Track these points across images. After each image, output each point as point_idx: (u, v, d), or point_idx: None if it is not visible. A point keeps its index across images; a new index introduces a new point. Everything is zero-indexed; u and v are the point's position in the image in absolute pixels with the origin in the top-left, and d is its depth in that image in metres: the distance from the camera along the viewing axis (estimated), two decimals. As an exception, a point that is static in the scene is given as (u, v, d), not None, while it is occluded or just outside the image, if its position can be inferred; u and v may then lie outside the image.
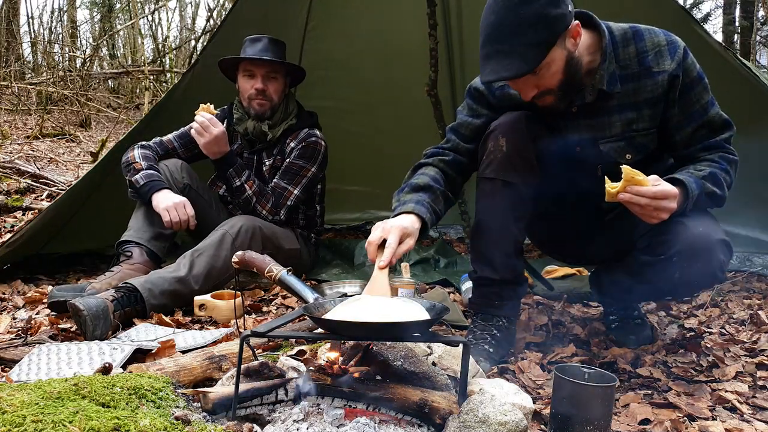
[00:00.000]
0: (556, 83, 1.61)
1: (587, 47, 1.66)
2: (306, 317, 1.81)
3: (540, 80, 1.59)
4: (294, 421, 1.19)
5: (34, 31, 10.75)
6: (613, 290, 2.03)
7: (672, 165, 1.80)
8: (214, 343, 1.79)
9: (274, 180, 2.74)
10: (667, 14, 2.54)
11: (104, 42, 11.31)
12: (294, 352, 1.57)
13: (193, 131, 2.57)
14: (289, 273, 1.82)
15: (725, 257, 1.61)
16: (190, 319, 2.18)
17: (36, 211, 3.86)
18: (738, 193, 1.71)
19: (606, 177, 1.52)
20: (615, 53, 1.68)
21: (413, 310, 1.27)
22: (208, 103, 2.59)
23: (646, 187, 1.48)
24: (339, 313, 1.28)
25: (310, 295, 1.73)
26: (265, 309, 2.33)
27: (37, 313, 2.19)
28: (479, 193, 1.81)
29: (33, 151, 5.95)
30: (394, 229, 1.55)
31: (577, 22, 1.58)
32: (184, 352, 1.69)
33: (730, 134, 1.71)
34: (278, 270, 1.81)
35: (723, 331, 2.15)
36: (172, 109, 2.98)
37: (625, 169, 1.47)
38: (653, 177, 1.52)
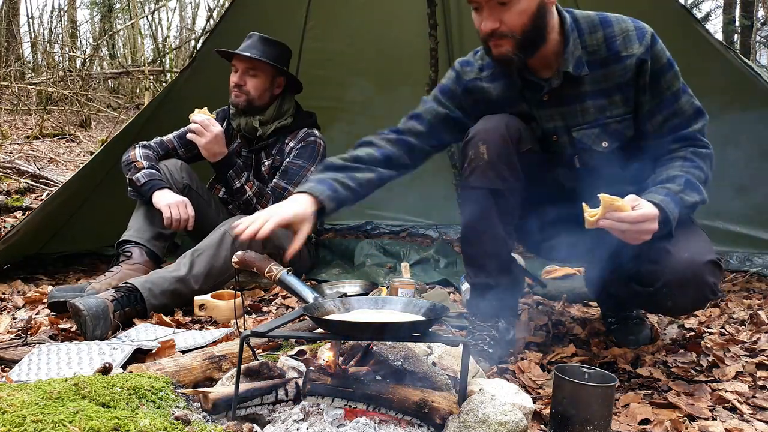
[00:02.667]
0: (520, 28, 1.58)
1: (556, 26, 1.67)
2: (306, 317, 1.80)
3: (506, 14, 1.57)
4: (294, 421, 1.19)
5: (34, 31, 10.75)
6: (607, 299, 2.05)
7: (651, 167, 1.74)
8: (214, 343, 1.79)
9: (274, 180, 2.74)
10: (668, 13, 2.54)
11: (104, 42, 11.30)
12: (294, 352, 1.57)
13: (190, 134, 2.56)
14: (289, 273, 1.82)
15: (715, 278, 1.57)
16: (190, 319, 2.18)
17: (36, 211, 3.85)
18: (739, 194, 1.70)
19: (584, 204, 1.49)
20: (581, 39, 1.68)
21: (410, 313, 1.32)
22: (204, 107, 2.59)
23: (626, 213, 1.45)
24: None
25: (309, 295, 1.73)
26: (265, 309, 2.33)
27: (37, 313, 2.19)
28: (464, 201, 1.80)
29: (33, 151, 5.95)
30: (273, 218, 1.54)
31: None
32: (184, 352, 1.69)
33: (702, 124, 1.68)
34: (278, 270, 1.81)
35: (723, 331, 2.15)
36: (169, 107, 2.98)
37: (603, 196, 1.45)
38: (631, 197, 1.49)
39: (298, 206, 1.59)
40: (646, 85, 1.66)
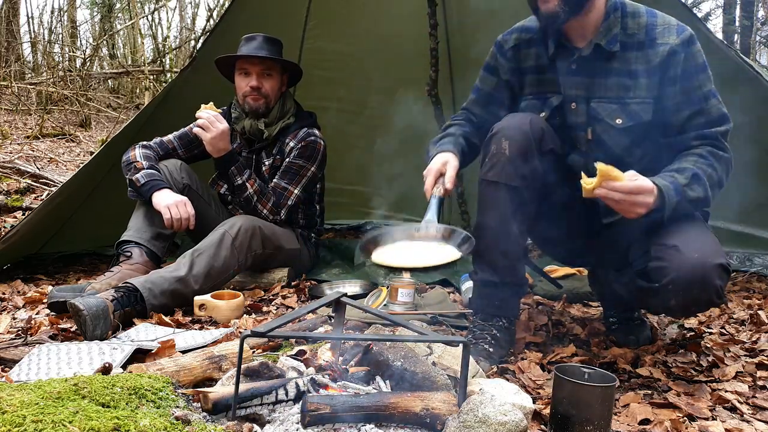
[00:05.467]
0: None
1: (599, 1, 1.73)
2: (306, 317, 1.80)
3: None
4: (294, 421, 1.19)
5: (34, 31, 10.73)
6: (611, 298, 2.04)
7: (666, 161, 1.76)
8: (214, 343, 1.78)
9: (275, 180, 2.74)
10: (668, 12, 2.54)
11: (104, 42, 11.29)
12: (294, 352, 1.57)
13: (196, 129, 2.57)
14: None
15: (722, 282, 1.56)
16: (190, 319, 2.18)
17: (36, 211, 3.85)
18: (739, 192, 1.70)
19: (582, 173, 1.54)
20: (623, 21, 1.74)
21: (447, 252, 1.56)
22: (210, 102, 2.59)
23: (621, 183, 1.49)
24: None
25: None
26: (265, 309, 2.33)
27: (37, 313, 2.19)
28: (481, 195, 1.80)
29: (33, 151, 5.95)
30: (437, 164, 1.78)
31: None
32: (184, 352, 1.68)
33: (726, 128, 1.70)
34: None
35: (723, 331, 2.15)
36: (169, 107, 2.98)
37: (600, 165, 1.49)
38: (630, 173, 1.53)
39: (440, 158, 1.80)
40: (677, 78, 1.69)
